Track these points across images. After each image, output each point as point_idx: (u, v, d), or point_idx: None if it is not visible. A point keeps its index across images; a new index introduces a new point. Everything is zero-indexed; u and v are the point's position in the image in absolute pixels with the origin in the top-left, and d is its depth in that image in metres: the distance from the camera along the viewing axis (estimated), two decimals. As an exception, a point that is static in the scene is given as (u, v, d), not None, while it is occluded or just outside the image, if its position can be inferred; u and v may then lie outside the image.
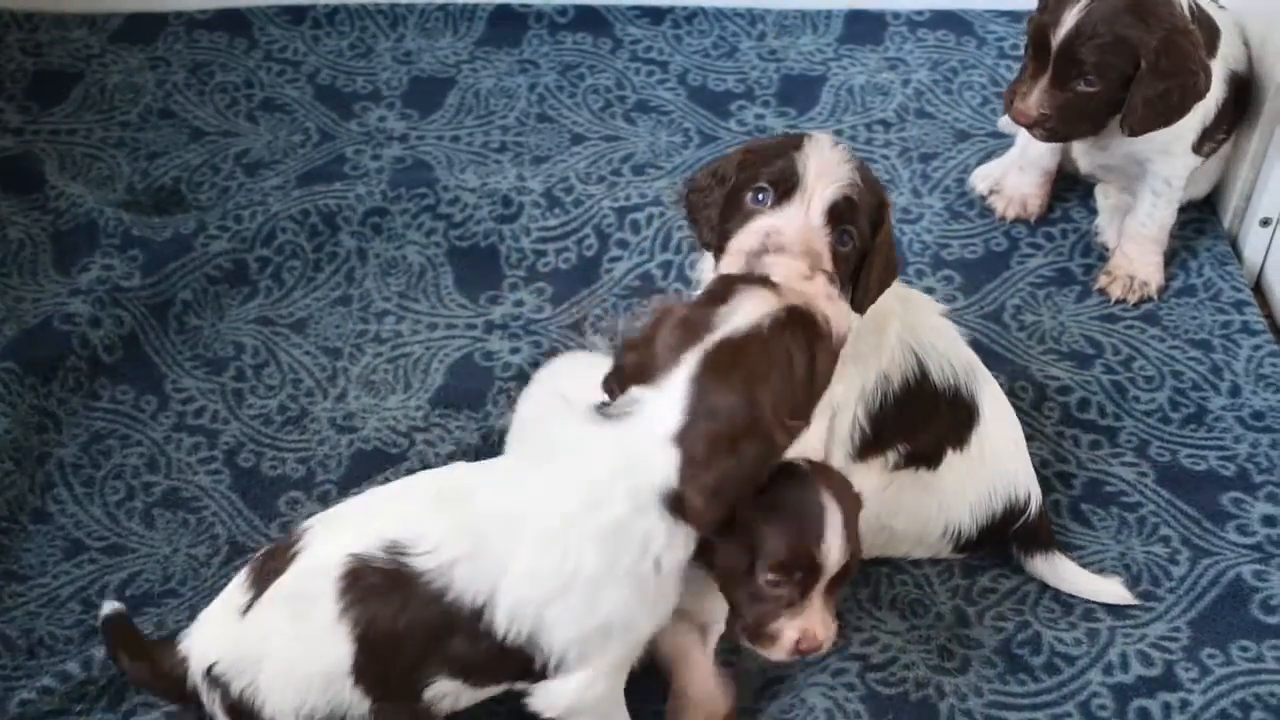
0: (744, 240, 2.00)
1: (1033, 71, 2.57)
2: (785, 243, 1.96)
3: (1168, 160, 2.69)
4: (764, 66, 3.32)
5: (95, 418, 2.57)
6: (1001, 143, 3.04)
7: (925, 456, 2.25)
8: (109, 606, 2.09)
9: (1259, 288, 2.85)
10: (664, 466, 1.80)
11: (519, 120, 3.19)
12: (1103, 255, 2.85)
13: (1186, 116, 2.59)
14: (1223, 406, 2.58)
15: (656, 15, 3.44)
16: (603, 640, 1.89)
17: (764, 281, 1.91)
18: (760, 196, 2.02)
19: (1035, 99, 2.57)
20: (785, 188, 2.00)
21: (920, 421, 2.22)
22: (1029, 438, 2.42)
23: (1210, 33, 2.65)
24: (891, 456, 2.24)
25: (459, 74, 3.30)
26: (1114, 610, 2.27)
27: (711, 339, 1.83)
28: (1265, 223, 2.80)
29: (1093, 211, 2.91)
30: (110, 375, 2.63)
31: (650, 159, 3.08)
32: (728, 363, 1.81)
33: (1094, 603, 2.28)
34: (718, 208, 2.07)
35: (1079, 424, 2.56)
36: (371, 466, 2.47)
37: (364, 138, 3.13)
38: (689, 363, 1.82)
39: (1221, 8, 2.77)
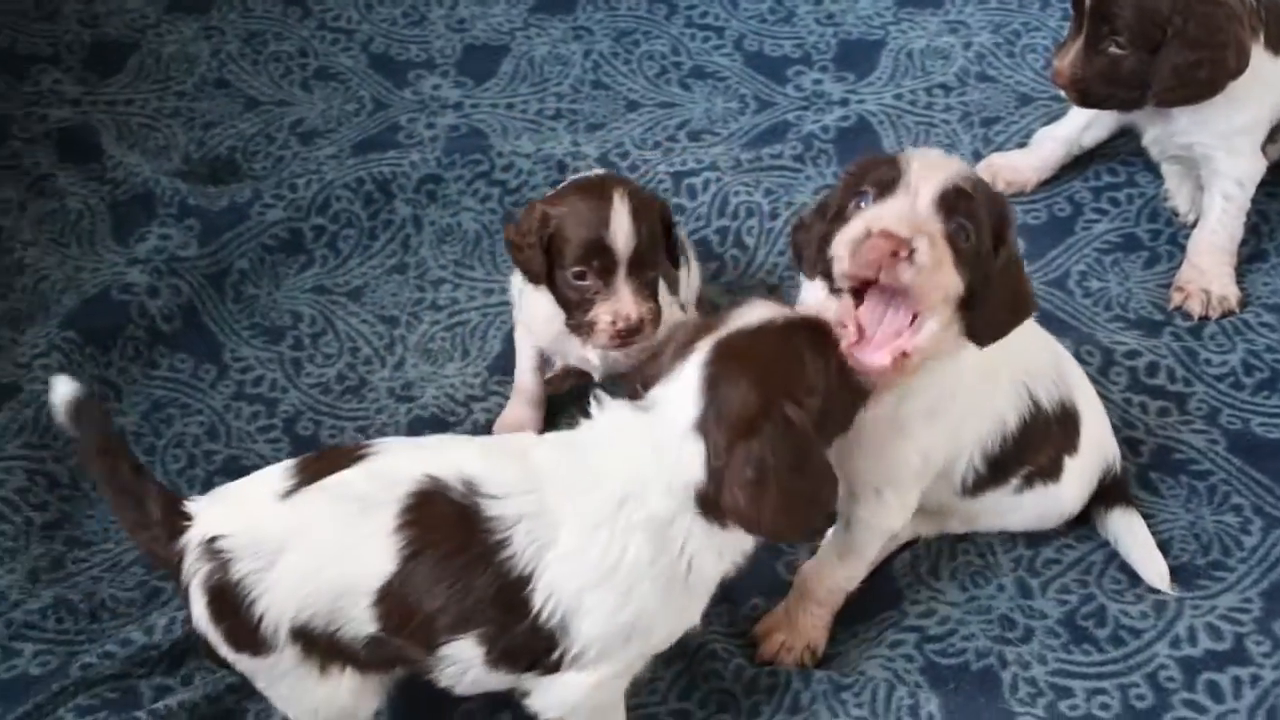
0: (848, 231, 1.85)
1: (1073, 31, 2.54)
2: (888, 222, 1.81)
3: (1233, 160, 2.61)
4: (821, 31, 3.27)
5: (155, 386, 2.58)
6: (1065, 106, 2.97)
7: (1047, 472, 2.20)
8: (65, 388, 1.87)
9: (1334, 251, 2.78)
10: (691, 459, 1.77)
11: (573, 88, 3.16)
12: (1170, 220, 2.79)
13: (1251, 111, 2.55)
14: (1297, 371, 2.52)
15: (713, -21, 3.40)
16: (623, 640, 1.86)
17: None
18: (861, 202, 1.88)
19: (1070, 59, 2.53)
20: (886, 186, 1.86)
21: (1037, 447, 2.16)
22: (1096, 404, 2.38)
23: None
24: (1015, 482, 2.19)
25: (513, 41, 3.27)
26: (1182, 580, 2.23)
27: (719, 333, 1.83)
28: (1341, 185, 2.72)
29: (1159, 176, 2.85)
30: (169, 344, 2.64)
31: (706, 125, 3.05)
32: (734, 352, 1.80)
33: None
34: (820, 237, 1.93)
35: (1147, 390, 2.50)
36: (430, 434, 2.45)
37: (418, 106, 3.11)
38: (698, 353, 1.81)
39: None
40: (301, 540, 1.80)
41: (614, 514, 1.80)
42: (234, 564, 1.80)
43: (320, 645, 1.83)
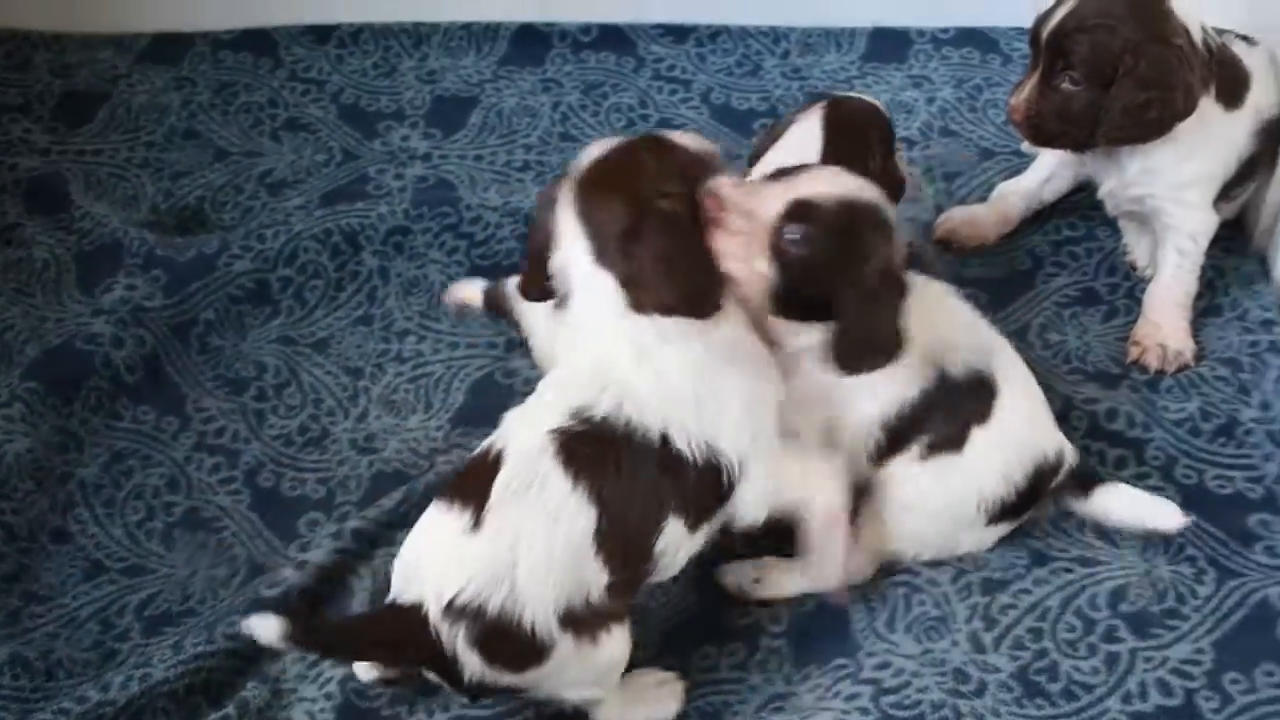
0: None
1: (1030, 68, 2.59)
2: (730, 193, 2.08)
3: (1185, 213, 2.63)
4: (787, 85, 3.31)
5: (117, 437, 2.58)
6: (1025, 160, 3.00)
7: (950, 440, 2.24)
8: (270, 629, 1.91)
9: (1288, 306, 2.81)
10: (610, 288, 2.00)
11: (542, 139, 3.19)
12: (1128, 274, 2.82)
13: (1201, 163, 2.59)
14: (1253, 419, 2.53)
15: (680, 34, 3.44)
16: (753, 429, 2.05)
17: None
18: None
19: (1025, 95, 2.57)
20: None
21: (941, 415, 2.23)
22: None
23: (1236, 80, 2.61)
24: (915, 449, 2.24)
25: (482, 93, 3.31)
26: (1137, 629, 2.24)
27: (573, 178, 2.04)
28: (1293, 241, 2.76)
29: (1117, 230, 2.88)
30: (132, 395, 2.64)
31: (673, 177, 3.08)
32: (592, 183, 2.03)
33: (1117, 619, 2.25)
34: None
35: (1106, 435, 2.52)
36: (392, 488, 2.45)
37: (387, 157, 3.14)
38: (563, 199, 2.03)
39: (1254, 43, 2.72)
40: (519, 544, 1.93)
41: (633, 358, 2.01)
42: (489, 602, 1.91)
43: (584, 619, 1.97)
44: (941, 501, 2.28)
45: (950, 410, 2.24)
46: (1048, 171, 2.85)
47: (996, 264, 2.86)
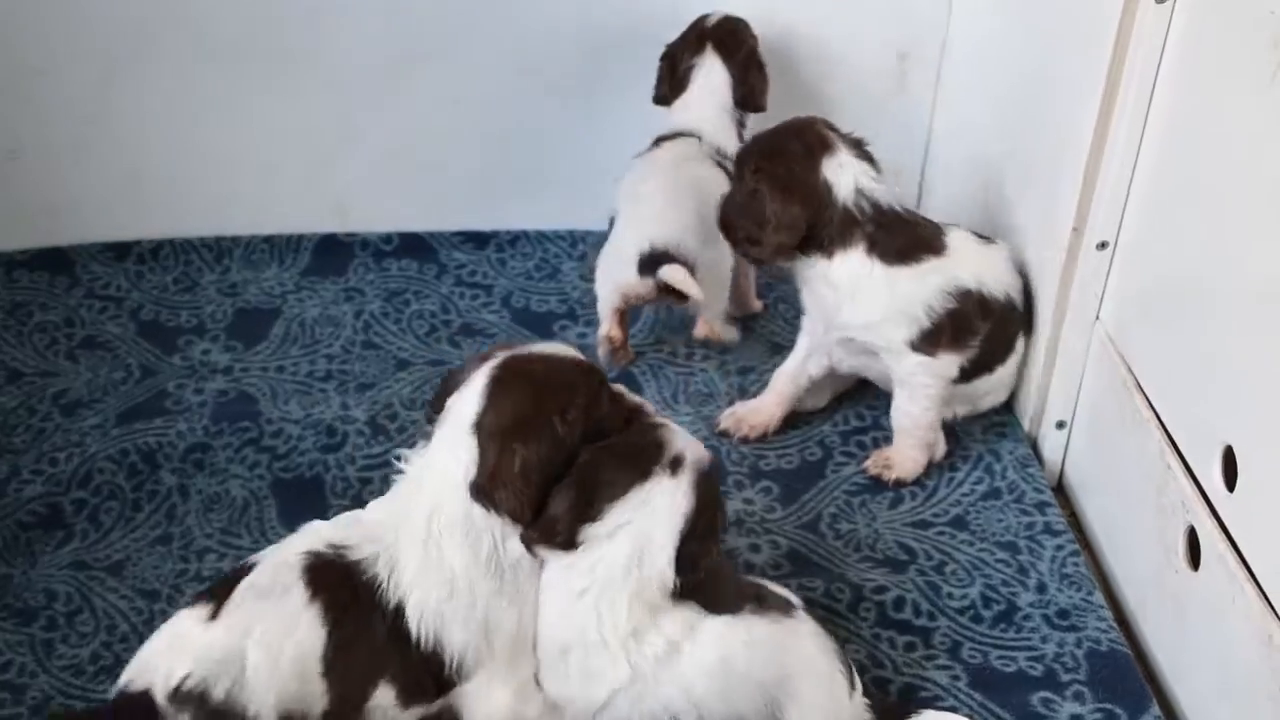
0: None
1: None
2: None
3: (890, 355, 2.82)
4: (586, 286, 3.41)
5: (-107, 679, 2.49)
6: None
7: None
8: None
9: (1060, 488, 2.96)
10: (467, 454, 2.08)
11: (344, 349, 3.23)
12: (912, 461, 2.95)
13: (865, 311, 2.77)
14: (1030, 603, 2.65)
15: (480, 240, 3.55)
16: (486, 643, 2.12)
17: None
18: None
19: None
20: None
21: None
22: (846, 640, 2.46)
23: (910, 242, 2.77)
24: None
25: (284, 304, 3.34)
26: (931, 821, 2.30)
27: (504, 356, 2.16)
28: (1060, 425, 2.92)
29: (900, 420, 3.03)
30: (-88, 633, 2.55)
31: (475, 382, 3.14)
32: (519, 367, 2.13)
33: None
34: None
35: (894, 624, 2.61)
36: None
37: (187, 372, 3.14)
38: (488, 364, 2.13)
39: (992, 241, 2.95)
40: (252, 639, 1.99)
41: (426, 525, 2.09)
42: (213, 690, 1.96)
43: None
44: None
45: None
46: (805, 349, 3.00)
47: (788, 455, 2.97)
